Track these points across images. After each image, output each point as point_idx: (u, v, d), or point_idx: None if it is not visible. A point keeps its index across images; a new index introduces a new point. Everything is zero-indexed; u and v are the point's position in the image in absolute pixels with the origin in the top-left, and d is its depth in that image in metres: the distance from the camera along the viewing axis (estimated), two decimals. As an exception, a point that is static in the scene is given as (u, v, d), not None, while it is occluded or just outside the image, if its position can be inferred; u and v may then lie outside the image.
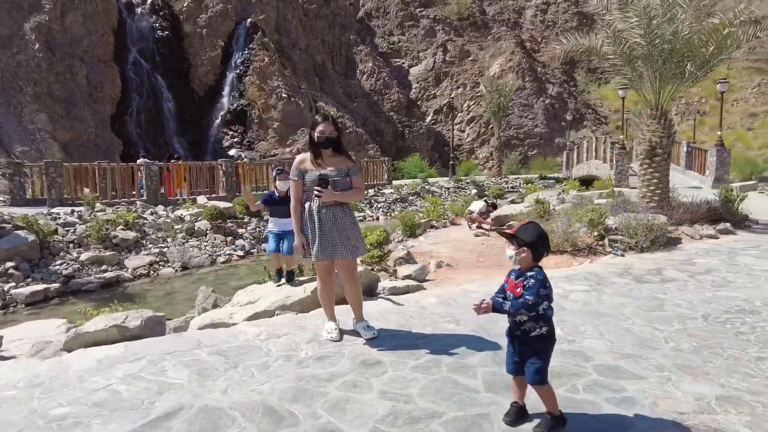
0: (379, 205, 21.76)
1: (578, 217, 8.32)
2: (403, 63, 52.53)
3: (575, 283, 5.53)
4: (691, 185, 19.94)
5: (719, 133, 20.26)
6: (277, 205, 5.22)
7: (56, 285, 9.42)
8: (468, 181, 28.83)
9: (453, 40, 54.12)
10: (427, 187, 25.31)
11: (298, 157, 3.83)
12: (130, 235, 11.62)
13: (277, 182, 5.24)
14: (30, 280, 9.50)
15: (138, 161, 16.87)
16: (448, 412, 2.65)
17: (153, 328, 3.87)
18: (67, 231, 11.26)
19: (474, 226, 12.09)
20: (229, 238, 13.33)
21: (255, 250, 13.54)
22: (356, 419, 2.58)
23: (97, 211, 12.62)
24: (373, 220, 20.54)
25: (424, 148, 41.59)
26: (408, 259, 6.76)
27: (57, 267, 10.02)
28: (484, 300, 2.51)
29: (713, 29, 8.15)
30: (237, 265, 12.16)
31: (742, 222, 9.71)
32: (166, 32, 30.96)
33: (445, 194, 25.89)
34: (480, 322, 4.15)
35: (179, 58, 31.63)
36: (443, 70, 51.84)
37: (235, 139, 30.64)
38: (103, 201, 14.13)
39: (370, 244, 7.94)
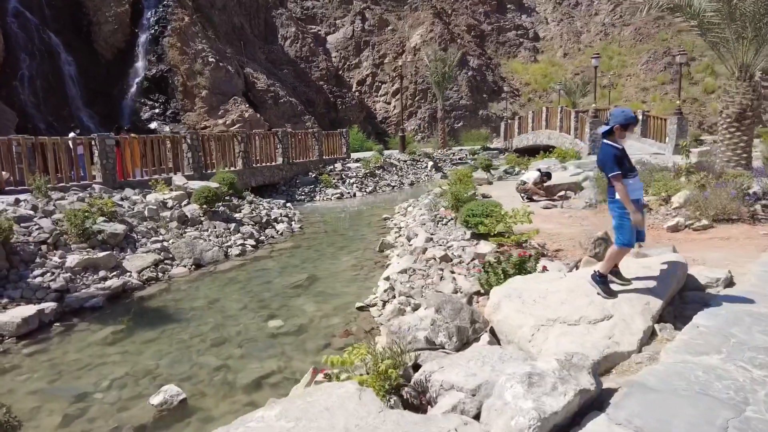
0: (351, 181, 19.93)
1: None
2: (319, 30, 49.61)
3: None
4: (651, 152, 20.79)
5: (678, 102, 21.28)
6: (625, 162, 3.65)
7: (51, 304, 6.72)
8: (420, 154, 27.83)
9: (371, 8, 52.21)
10: (389, 160, 23.85)
11: None
12: (119, 228, 8.86)
13: (620, 138, 3.61)
14: (6, 300, 6.66)
15: (70, 135, 13.23)
16: None
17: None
18: (27, 228, 8.23)
19: (526, 197, 11.11)
20: (232, 225, 10.92)
21: (263, 237, 11.30)
22: None
23: (57, 200, 9.49)
24: (351, 197, 18.75)
25: (357, 120, 39.74)
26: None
27: (39, 279, 7.18)
28: None
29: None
30: (257, 258, 9.94)
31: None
32: (56, -20, 25.34)
33: (405, 168, 24.69)
34: None
35: (76, 13, 26.15)
36: (363, 39, 49.87)
37: (156, 110, 26.29)
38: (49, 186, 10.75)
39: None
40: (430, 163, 26.55)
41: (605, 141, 3.66)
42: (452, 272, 6.41)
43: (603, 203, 9.62)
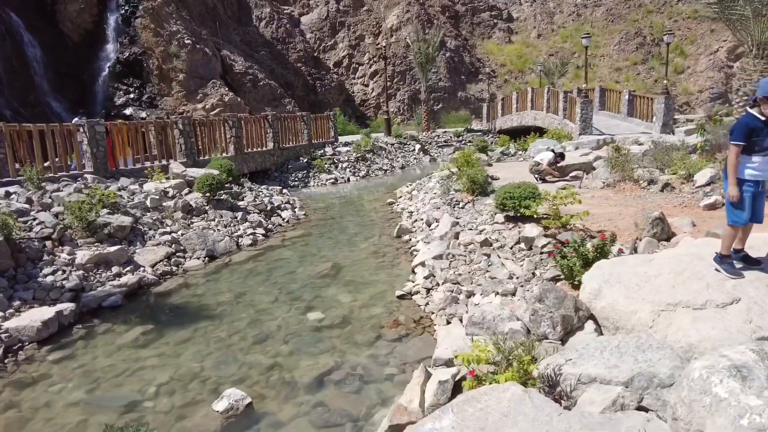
0: (343, 165, 19.49)
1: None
2: (293, 11, 48.23)
3: None
4: (639, 131, 21.04)
5: (665, 81, 21.51)
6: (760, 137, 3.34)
7: (68, 305, 6.21)
8: (406, 137, 27.47)
9: (345, -12, 51.00)
10: (377, 144, 23.44)
11: None
12: (126, 220, 8.31)
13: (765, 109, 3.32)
14: (18, 303, 6.12)
15: (75, 120, 12.37)
16: None
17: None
18: (26, 222, 7.62)
19: (539, 178, 11.00)
20: (238, 214, 10.46)
21: (271, 225, 10.88)
22: None
23: (53, 192, 8.82)
24: (345, 182, 18.34)
25: (337, 102, 39.00)
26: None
27: (50, 278, 6.64)
28: None
29: None
30: (271, 247, 9.53)
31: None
32: (14, -45, 23.56)
33: (393, 151, 24.36)
34: None
35: (38, -10, 24.51)
36: (338, 19, 48.79)
37: (131, 96, 25.04)
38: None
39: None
40: (418, 146, 26.30)
41: (749, 110, 3.44)
42: (499, 257, 6.21)
43: (621, 183, 9.57)
